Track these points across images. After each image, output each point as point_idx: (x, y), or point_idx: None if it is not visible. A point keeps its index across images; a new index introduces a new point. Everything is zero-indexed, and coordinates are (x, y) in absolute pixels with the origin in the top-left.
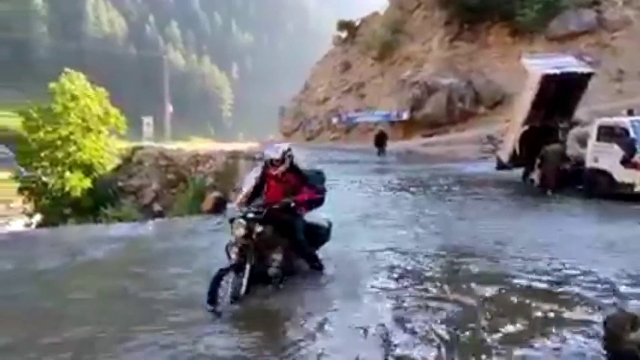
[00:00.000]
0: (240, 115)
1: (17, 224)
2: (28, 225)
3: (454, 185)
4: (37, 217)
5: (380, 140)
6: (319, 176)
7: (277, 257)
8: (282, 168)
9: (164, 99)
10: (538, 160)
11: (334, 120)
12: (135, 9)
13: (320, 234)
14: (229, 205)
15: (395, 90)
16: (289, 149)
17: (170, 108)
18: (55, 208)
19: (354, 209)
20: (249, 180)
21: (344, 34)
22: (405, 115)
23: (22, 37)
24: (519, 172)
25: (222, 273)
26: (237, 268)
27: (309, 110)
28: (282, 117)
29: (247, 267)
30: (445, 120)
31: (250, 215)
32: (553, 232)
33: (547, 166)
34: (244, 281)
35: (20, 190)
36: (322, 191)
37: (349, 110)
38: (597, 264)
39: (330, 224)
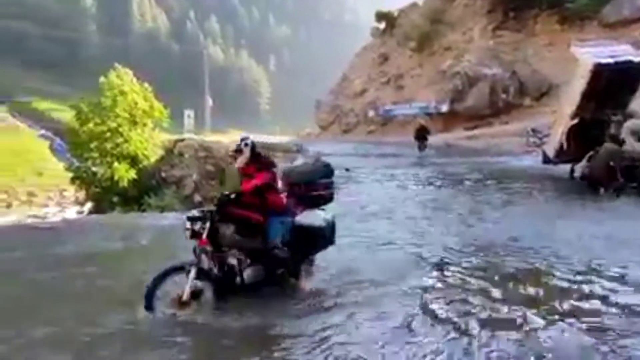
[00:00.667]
0: (277, 108)
1: (71, 212)
2: (80, 212)
3: (493, 180)
4: (88, 205)
5: (421, 134)
6: (325, 169)
7: (232, 261)
8: (242, 159)
9: (204, 92)
10: (587, 155)
11: (371, 113)
12: (177, 5)
13: (313, 237)
14: None
15: (435, 81)
16: (247, 137)
17: (210, 101)
18: (105, 197)
19: (380, 203)
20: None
21: (382, 26)
22: (444, 108)
23: (74, 35)
24: (566, 167)
25: (164, 274)
26: (198, 271)
27: (345, 103)
28: (318, 110)
29: (192, 270)
30: (487, 112)
31: (195, 214)
32: (599, 234)
33: (597, 162)
34: (187, 287)
35: (73, 180)
36: (327, 186)
37: (386, 103)
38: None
39: (330, 225)
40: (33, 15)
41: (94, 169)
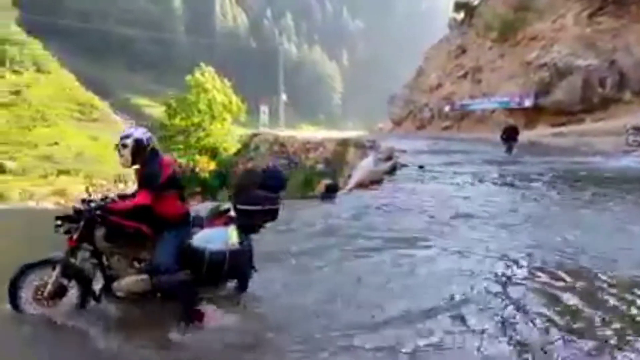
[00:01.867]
0: (350, 103)
1: None
2: None
3: (581, 182)
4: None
5: (510, 134)
6: (273, 180)
7: (114, 265)
8: (122, 160)
9: (279, 88)
10: None
11: (446, 108)
12: (255, 3)
13: (199, 265)
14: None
15: (518, 74)
16: (130, 134)
17: (284, 97)
18: (188, 186)
19: (457, 204)
20: (359, 168)
21: (460, 16)
22: (528, 102)
23: (166, 37)
24: None
25: (27, 268)
26: (65, 268)
27: (420, 98)
28: (391, 105)
29: (57, 266)
30: (579, 108)
31: (69, 212)
32: None
33: None
34: (49, 283)
35: None
36: (270, 200)
37: (463, 97)
38: None
39: (235, 252)
40: (135, 21)
41: (179, 160)
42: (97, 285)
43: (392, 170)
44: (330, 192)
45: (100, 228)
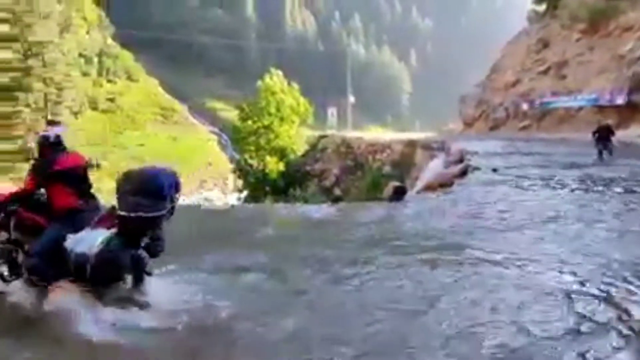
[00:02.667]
0: (418, 103)
1: (232, 198)
2: (238, 199)
3: None
4: (245, 193)
5: (603, 134)
6: (148, 185)
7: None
8: (35, 149)
9: (346, 90)
10: None
11: (525, 106)
12: (323, 7)
13: (64, 264)
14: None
15: (609, 68)
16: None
17: (351, 99)
18: (258, 186)
19: (530, 211)
20: (428, 170)
21: (541, 8)
22: (620, 99)
23: (239, 43)
24: None
25: None
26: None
27: (494, 97)
28: (462, 105)
29: None
30: None
31: None
32: None
33: None
34: None
35: (234, 171)
36: (143, 208)
37: (544, 94)
38: None
39: (107, 258)
40: (212, 30)
41: (250, 161)
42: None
43: (463, 173)
44: (398, 194)
45: (12, 219)
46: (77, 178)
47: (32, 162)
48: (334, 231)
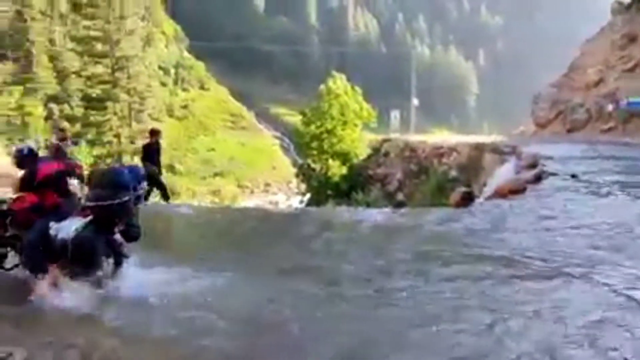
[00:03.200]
0: (486, 105)
1: (295, 201)
2: (301, 202)
3: None
4: (308, 196)
5: None
6: (104, 178)
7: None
8: (14, 163)
9: (410, 92)
10: None
11: (609, 107)
12: (386, 9)
13: (54, 250)
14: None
15: None
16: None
17: (415, 101)
18: (321, 190)
19: (604, 222)
20: (498, 176)
21: None
22: None
23: (302, 49)
24: None
25: None
26: None
27: (572, 97)
28: (536, 106)
29: None
30: None
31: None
32: None
33: None
34: None
35: (297, 174)
36: (100, 198)
37: (632, 94)
38: None
39: (82, 242)
40: (277, 37)
41: (313, 165)
42: None
43: (537, 179)
44: (466, 200)
45: (8, 217)
46: (57, 180)
47: (20, 174)
48: (394, 238)
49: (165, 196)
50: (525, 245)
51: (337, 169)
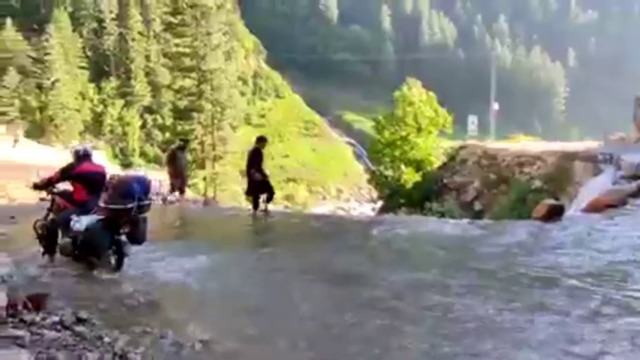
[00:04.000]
0: (575, 108)
1: (366, 207)
2: (373, 209)
3: None
4: (379, 203)
5: None
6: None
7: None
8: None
9: (490, 97)
10: None
11: None
12: (464, 12)
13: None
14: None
15: None
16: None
17: (495, 106)
18: (393, 197)
19: None
20: (591, 187)
21: None
22: None
23: (375, 56)
24: None
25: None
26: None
27: None
28: (638, 109)
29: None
30: None
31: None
32: None
33: None
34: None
35: (369, 181)
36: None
37: None
38: None
39: (89, 236)
40: (349, 46)
41: (385, 172)
42: None
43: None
44: (553, 214)
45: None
46: (90, 180)
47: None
48: (468, 254)
49: (269, 199)
50: (624, 270)
51: (410, 177)
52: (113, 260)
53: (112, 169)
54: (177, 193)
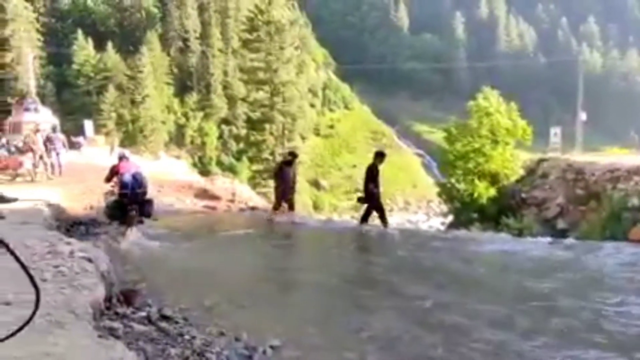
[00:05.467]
0: None
1: (435, 221)
2: (442, 223)
3: None
4: (450, 218)
5: None
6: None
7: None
8: None
9: (576, 106)
10: None
11: None
12: (547, 15)
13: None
14: None
15: None
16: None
17: (583, 116)
18: (464, 212)
19: None
20: None
21: None
22: None
23: (447, 65)
24: None
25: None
26: None
27: None
28: None
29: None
30: None
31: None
32: None
33: None
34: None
35: (439, 194)
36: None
37: None
38: None
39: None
40: (420, 55)
41: (457, 185)
42: None
43: None
44: None
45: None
46: (121, 174)
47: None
48: (548, 283)
49: (383, 219)
50: None
51: (484, 190)
52: (123, 230)
53: (192, 176)
54: (283, 208)
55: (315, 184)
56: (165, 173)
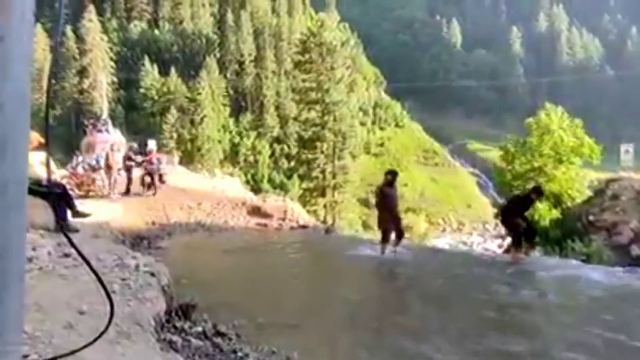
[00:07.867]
0: None
1: (492, 244)
2: (500, 246)
3: None
4: (508, 240)
5: None
6: None
7: None
8: None
9: None
10: None
11: None
12: (614, 25)
13: None
14: None
15: None
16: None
17: None
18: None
19: None
20: None
21: None
22: None
23: (502, 82)
24: None
25: None
26: None
27: None
28: None
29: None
30: None
31: None
32: None
33: None
34: None
35: (496, 215)
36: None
37: None
38: None
39: None
40: (474, 72)
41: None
42: None
43: None
44: None
45: None
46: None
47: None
48: (614, 322)
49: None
50: None
51: (545, 212)
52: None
53: (245, 194)
54: (392, 239)
55: (365, 203)
56: (221, 190)
